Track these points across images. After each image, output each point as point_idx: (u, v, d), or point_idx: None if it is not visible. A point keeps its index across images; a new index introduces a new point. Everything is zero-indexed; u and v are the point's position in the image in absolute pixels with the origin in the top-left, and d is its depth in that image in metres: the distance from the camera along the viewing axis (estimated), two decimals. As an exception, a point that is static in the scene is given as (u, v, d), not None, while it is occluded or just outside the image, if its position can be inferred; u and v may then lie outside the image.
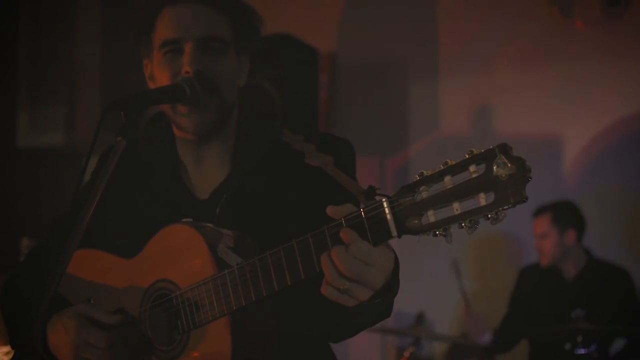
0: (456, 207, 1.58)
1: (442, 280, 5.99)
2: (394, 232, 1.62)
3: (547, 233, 5.11)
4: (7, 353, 2.76)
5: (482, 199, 1.56)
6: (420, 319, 4.77)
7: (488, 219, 1.57)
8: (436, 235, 1.61)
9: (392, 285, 1.73)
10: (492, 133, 6.15)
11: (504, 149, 1.56)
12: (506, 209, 1.55)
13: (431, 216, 1.59)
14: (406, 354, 4.85)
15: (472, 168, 1.57)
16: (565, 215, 5.14)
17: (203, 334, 1.90)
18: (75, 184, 1.96)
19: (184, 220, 2.01)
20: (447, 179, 1.58)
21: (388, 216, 1.61)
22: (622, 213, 5.65)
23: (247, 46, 2.13)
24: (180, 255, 1.94)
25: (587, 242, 5.20)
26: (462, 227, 1.59)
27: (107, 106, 1.87)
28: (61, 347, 1.99)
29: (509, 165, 1.55)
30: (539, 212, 5.18)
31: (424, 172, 1.61)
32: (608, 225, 5.61)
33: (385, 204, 1.62)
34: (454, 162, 1.59)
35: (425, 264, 5.92)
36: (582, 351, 4.41)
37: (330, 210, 1.68)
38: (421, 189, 1.59)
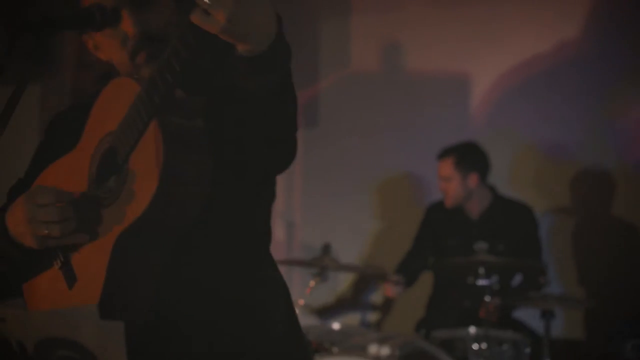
0: None
1: (348, 211, 6.09)
2: None
3: (451, 176, 5.20)
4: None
5: None
6: (325, 249, 4.82)
7: None
8: None
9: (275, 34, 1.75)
10: (402, 70, 6.22)
11: None
12: None
13: None
14: (311, 284, 4.91)
15: None
16: (469, 158, 5.22)
17: (138, 156, 1.88)
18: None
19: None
20: None
21: None
22: (525, 152, 5.80)
23: None
24: (117, 105, 1.92)
25: (493, 180, 5.33)
26: None
27: (14, 29, 1.86)
28: (20, 230, 1.98)
29: None
30: (443, 154, 5.26)
31: None
32: (512, 164, 5.75)
33: None
34: None
35: (331, 196, 6.00)
36: (484, 282, 4.52)
37: None
38: None
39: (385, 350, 4.14)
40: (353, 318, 6.25)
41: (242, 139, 1.95)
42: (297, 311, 2.22)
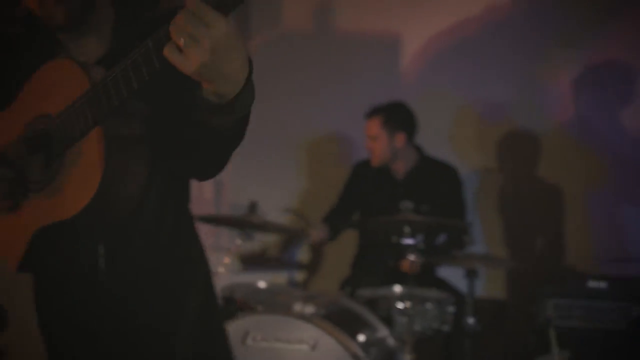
0: None
1: (277, 170, 6.08)
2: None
3: (378, 135, 5.20)
4: None
5: None
6: (252, 207, 4.80)
7: None
8: None
9: (241, 83, 1.76)
10: (332, 30, 6.20)
11: None
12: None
13: None
14: (238, 242, 4.90)
15: None
16: (396, 118, 5.23)
17: (77, 159, 1.86)
18: None
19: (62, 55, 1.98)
20: None
21: None
22: (452, 114, 5.84)
23: None
24: (61, 90, 1.89)
25: (420, 140, 5.35)
26: None
27: None
28: None
29: None
30: (371, 114, 5.26)
31: None
32: (441, 124, 5.78)
33: None
34: None
35: (259, 155, 5.98)
36: (408, 241, 4.54)
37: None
38: None
39: (309, 309, 4.16)
40: (280, 277, 6.26)
41: (180, 154, 1.99)
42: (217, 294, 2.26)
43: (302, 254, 6.29)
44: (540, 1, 5.68)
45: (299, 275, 6.29)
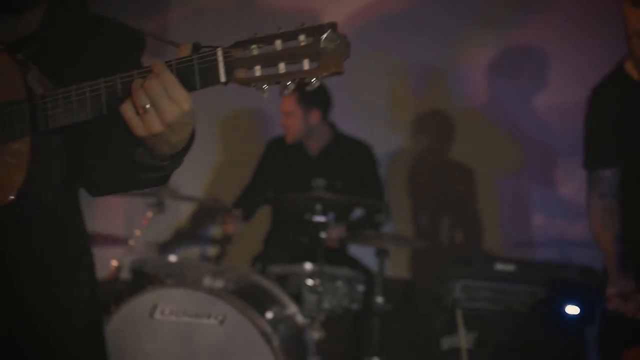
0: (282, 67, 1.73)
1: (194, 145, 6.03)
2: (223, 78, 1.75)
3: (292, 112, 5.17)
4: None
5: (307, 64, 1.71)
6: (164, 179, 4.75)
7: (305, 83, 1.73)
8: (260, 89, 1.76)
9: (181, 148, 1.84)
10: (252, 6, 6.15)
11: (334, 26, 1.72)
12: (325, 76, 1.71)
13: (258, 71, 1.74)
14: (149, 215, 4.85)
15: (301, 37, 1.71)
16: (311, 95, 5.16)
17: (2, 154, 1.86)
18: None
19: None
20: (278, 42, 1.72)
21: (220, 64, 1.73)
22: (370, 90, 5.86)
23: None
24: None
25: (333, 117, 5.35)
26: (284, 86, 1.75)
27: None
28: None
29: (337, 41, 1.71)
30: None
31: (257, 33, 1.75)
32: (354, 102, 5.79)
33: (219, 53, 1.74)
34: (286, 30, 1.72)
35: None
36: (320, 219, 4.54)
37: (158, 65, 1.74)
38: (253, 47, 1.73)
39: (219, 283, 4.14)
40: (192, 251, 6.23)
41: (93, 175, 2.01)
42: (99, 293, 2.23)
43: (215, 229, 6.26)
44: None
45: (212, 250, 6.26)
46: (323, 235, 4.53)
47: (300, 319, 4.43)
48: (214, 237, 6.26)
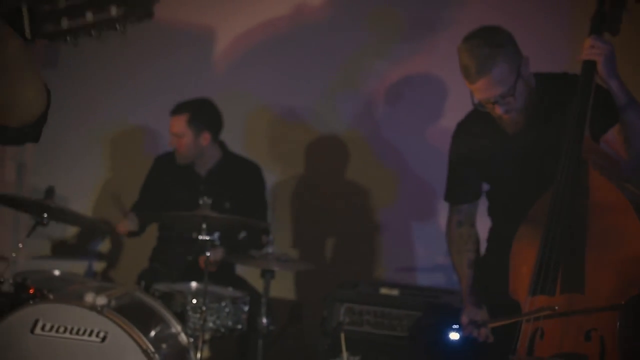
0: (89, 16, 1.65)
1: (80, 160, 5.96)
2: (28, 35, 1.67)
3: (183, 133, 5.14)
4: None
5: (114, 10, 1.64)
6: (49, 193, 4.68)
7: (115, 28, 1.65)
8: (66, 41, 1.67)
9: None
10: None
11: None
12: (133, 20, 1.65)
13: (65, 23, 1.66)
14: (32, 226, 4.78)
15: None
16: (202, 117, 5.17)
17: None
18: None
19: None
20: None
21: (25, 20, 1.66)
22: (260, 113, 5.87)
23: None
24: None
25: (229, 138, 5.35)
26: (92, 35, 1.67)
27: None
28: None
29: None
30: (176, 111, 5.18)
31: None
32: (248, 124, 5.78)
33: (24, 9, 1.66)
34: None
35: (62, 143, 5.85)
36: (206, 238, 4.52)
37: None
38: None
39: (101, 300, 4.08)
40: (78, 266, 6.13)
41: None
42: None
43: (103, 245, 6.19)
44: (348, 9, 5.73)
45: (99, 266, 6.18)
46: (209, 254, 4.52)
47: (183, 338, 4.39)
48: (101, 253, 6.18)
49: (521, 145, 3.57)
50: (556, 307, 3.14)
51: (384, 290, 4.90)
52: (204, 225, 4.50)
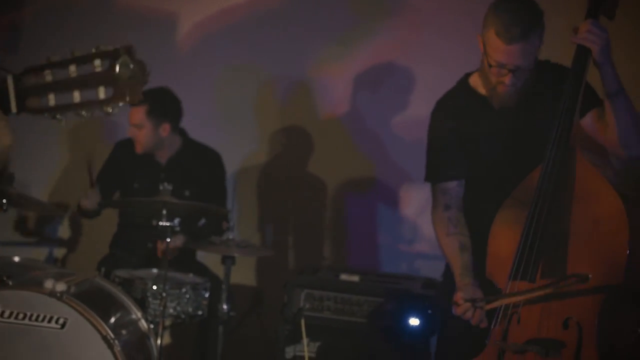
0: (76, 96, 1.63)
1: (39, 146, 5.92)
2: (14, 109, 1.66)
3: (142, 124, 5.12)
4: None
5: (102, 93, 1.62)
6: (9, 179, 4.65)
7: (103, 111, 1.64)
8: (54, 118, 1.63)
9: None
10: (112, 5, 6.07)
11: (129, 50, 1.63)
12: (121, 105, 1.64)
13: (51, 100, 1.65)
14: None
15: (97, 62, 1.63)
16: (161, 107, 5.13)
17: None
18: None
19: None
20: (72, 68, 1.64)
21: (11, 93, 1.65)
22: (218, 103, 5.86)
23: None
24: None
25: (185, 124, 5.33)
26: (79, 115, 1.63)
27: None
28: None
29: (131, 66, 1.62)
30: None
31: (50, 57, 1.65)
32: (203, 112, 5.76)
33: (9, 80, 1.65)
34: (79, 54, 1.64)
35: (22, 130, 5.81)
36: (166, 224, 4.51)
37: None
38: (46, 72, 1.64)
39: (60, 286, 4.06)
40: (39, 252, 6.10)
41: None
42: None
43: (63, 231, 6.16)
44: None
45: (59, 252, 6.15)
46: (168, 240, 4.51)
47: (144, 324, 4.40)
48: (61, 239, 6.15)
49: (506, 122, 3.50)
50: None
51: (344, 277, 4.90)
52: (164, 212, 4.50)
